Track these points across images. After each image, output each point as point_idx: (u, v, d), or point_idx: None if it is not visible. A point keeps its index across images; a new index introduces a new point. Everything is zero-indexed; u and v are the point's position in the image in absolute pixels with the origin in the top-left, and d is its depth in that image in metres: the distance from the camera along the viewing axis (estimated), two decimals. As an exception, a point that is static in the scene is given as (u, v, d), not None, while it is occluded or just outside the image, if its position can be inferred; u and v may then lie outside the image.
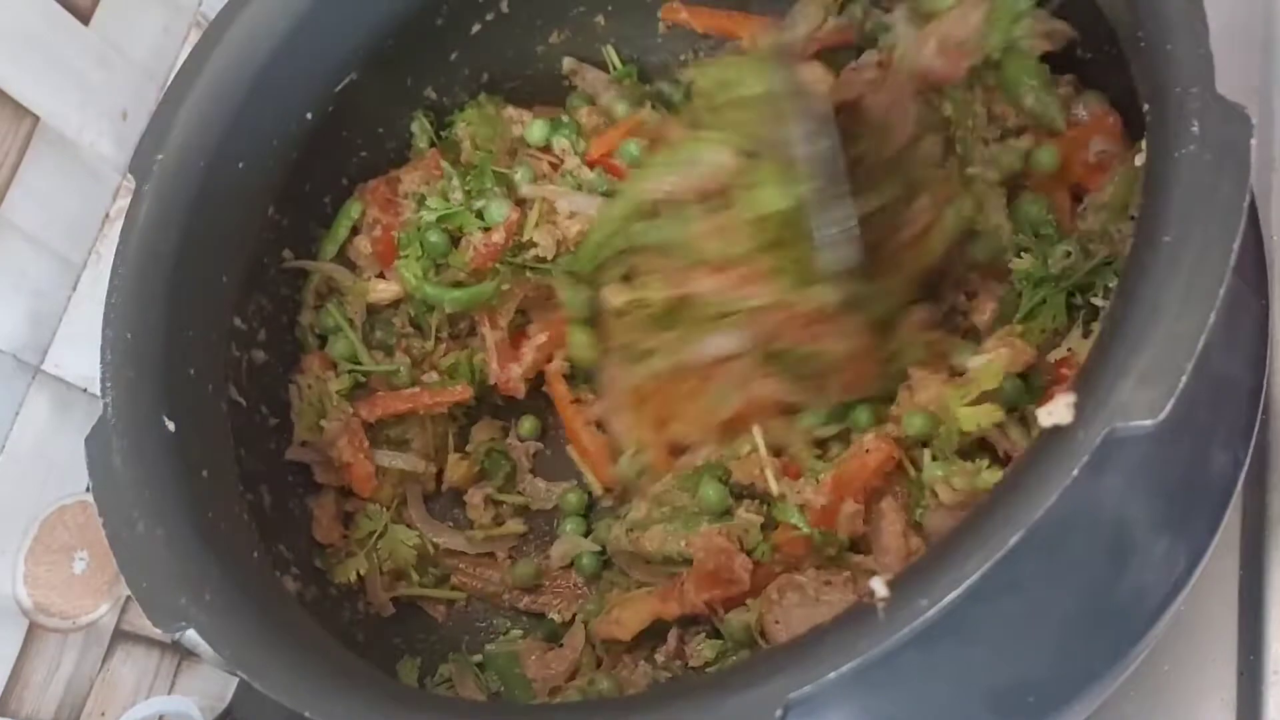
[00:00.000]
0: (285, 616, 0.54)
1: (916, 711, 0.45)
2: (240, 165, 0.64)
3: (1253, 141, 0.38)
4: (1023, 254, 0.62)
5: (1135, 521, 0.46)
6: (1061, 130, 0.63)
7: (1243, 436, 0.50)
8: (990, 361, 0.58)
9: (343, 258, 0.74)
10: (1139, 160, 0.55)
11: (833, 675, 0.37)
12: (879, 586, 0.38)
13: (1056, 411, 0.37)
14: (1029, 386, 0.59)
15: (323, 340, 0.74)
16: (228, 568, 0.52)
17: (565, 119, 0.76)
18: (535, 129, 0.75)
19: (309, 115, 0.68)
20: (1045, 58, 0.63)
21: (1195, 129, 0.40)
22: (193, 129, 0.61)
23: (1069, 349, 0.59)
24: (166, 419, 0.56)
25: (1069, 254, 0.61)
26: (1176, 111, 0.41)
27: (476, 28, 0.75)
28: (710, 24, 0.76)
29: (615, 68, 0.79)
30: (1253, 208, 0.53)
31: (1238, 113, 0.39)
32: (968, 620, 0.42)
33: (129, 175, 0.61)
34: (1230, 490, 0.49)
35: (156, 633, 0.76)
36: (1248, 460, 0.51)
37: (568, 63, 0.79)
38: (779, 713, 0.38)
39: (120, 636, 0.76)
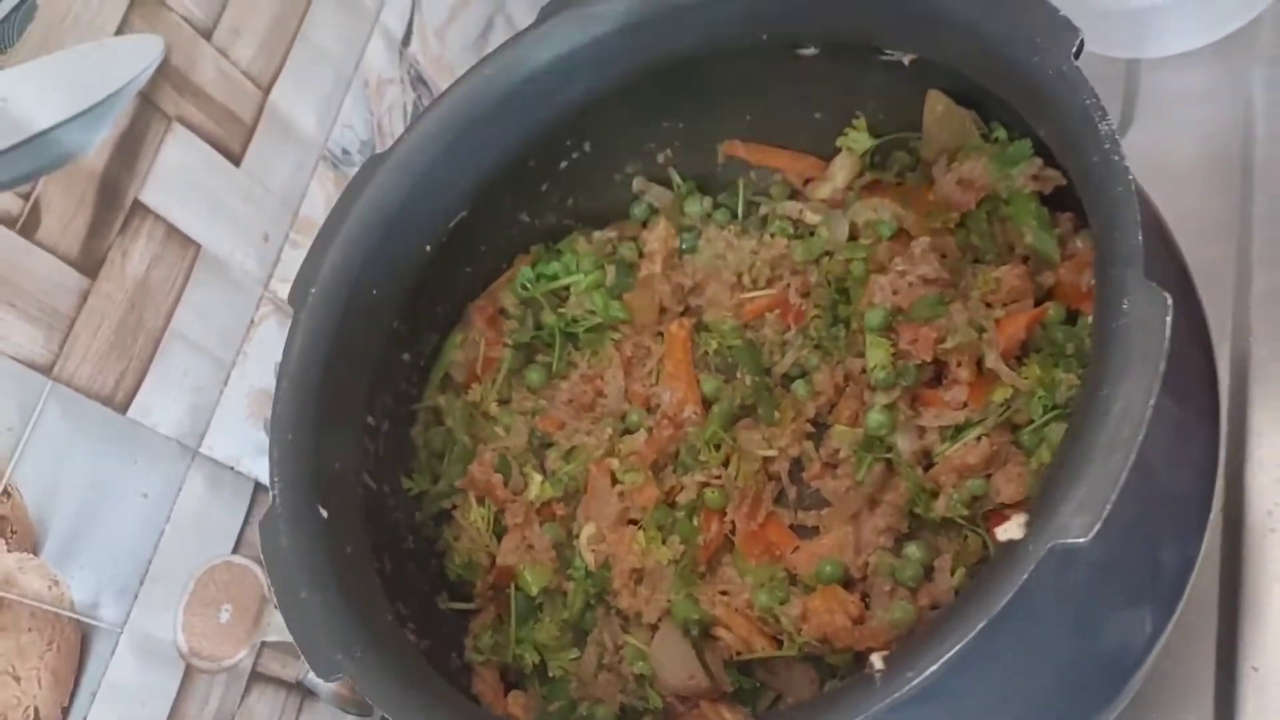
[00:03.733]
0: (414, 666, 0.64)
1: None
2: (374, 292, 0.75)
3: (1168, 319, 0.48)
4: None
5: (1095, 607, 0.55)
6: (1057, 263, 0.69)
7: (1194, 533, 0.58)
8: None
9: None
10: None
11: (838, 730, 0.48)
12: (877, 661, 0.49)
13: (1010, 529, 0.48)
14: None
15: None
16: (369, 627, 0.63)
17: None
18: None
19: (428, 247, 0.78)
20: (1047, 198, 0.69)
21: (1125, 306, 0.49)
22: (338, 266, 0.72)
23: None
24: (320, 507, 0.67)
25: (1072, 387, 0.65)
26: (1113, 289, 0.50)
27: (564, 164, 0.86)
28: (763, 159, 0.85)
29: (678, 185, 0.89)
30: (1205, 343, 0.63)
31: (1160, 297, 0.48)
32: (955, 687, 0.52)
33: (287, 304, 0.73)
34: (1184, 579, 0.58)
35: (285, 674, 0.88)
36: (1202, 549, 0.59)
37: (637, 182, 0.89)
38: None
39: (255, 677, 0.85)
